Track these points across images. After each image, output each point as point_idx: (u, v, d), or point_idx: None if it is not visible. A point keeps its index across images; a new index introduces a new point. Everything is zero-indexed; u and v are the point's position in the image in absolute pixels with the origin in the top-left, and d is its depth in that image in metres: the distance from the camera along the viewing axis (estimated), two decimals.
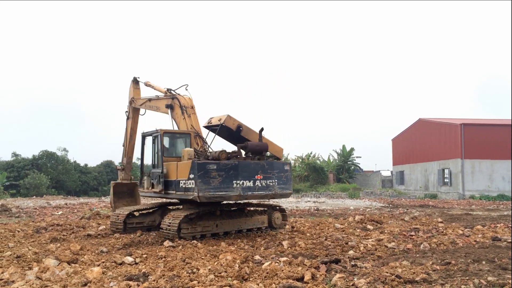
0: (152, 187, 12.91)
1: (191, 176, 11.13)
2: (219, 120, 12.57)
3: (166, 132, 12.87)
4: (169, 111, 14.03)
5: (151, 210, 14.14)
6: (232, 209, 13.18)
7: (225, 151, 11.96)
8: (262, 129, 12.67)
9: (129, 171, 17.73)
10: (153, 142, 13.04)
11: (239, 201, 12.92)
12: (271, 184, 12.18)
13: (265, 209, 13.90)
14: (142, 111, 16.87)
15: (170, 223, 11.53)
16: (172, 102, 14.02)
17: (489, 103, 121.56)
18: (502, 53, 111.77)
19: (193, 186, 11.03)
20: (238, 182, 11.51)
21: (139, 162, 17.53)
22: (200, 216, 11.89)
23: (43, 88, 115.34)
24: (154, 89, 15.94)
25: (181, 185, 11.57)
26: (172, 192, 11.99)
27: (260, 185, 11.93)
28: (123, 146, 17.65)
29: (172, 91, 14.54)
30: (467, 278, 7.13)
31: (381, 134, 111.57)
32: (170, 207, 14.23)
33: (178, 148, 13.22)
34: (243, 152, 12.53)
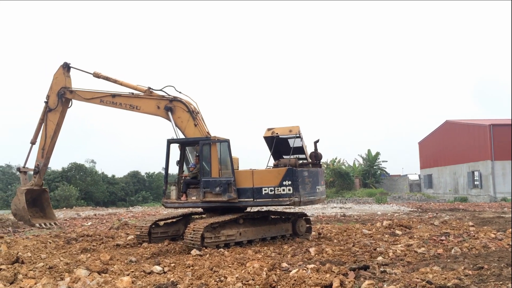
0: (184, 197, 12.85)
1: (286, 182, 11.67)
2: (289, 131, 12.72)
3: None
4: (169, 114, 13.30)
5: (175, 220, 14.06)
6: (256, 217, 13.18)
7: (297, 159, 12.75)
8: (318, 140, 13.28)
9: (43, 174, 15.66)
10: (207, 150, 12.45)
11: (262, 209, 13.75)
12: (325, 189, 13.46)
13: (289, 216, 13.85)
14: (69, 103, 15.06)
15: (193, 232, 11.53)
16: (172, 104, 13.35)
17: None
18: (503, 53, 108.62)
19: (289, 192, 11.66)
20: (318, 187, 12.66)
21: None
22: (223, 225, 11.88)
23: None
24: (118, 83, 14.46)
25: (266, 192, 11.84)
26: (248, 199, 12.08)
27: (322, 190, 13.07)
28: (32, 143, 15.51)
29: (154, 91, 13.73)
30: (500, 283, 6.96)
31: (407, 137, 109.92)
32: (195, 216, 14.28)
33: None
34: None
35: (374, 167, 55.33)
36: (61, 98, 15.11)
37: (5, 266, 8.72)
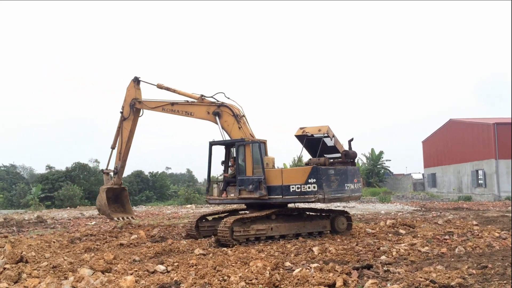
0: (224, 195, 13.55)
1: (312, 180, 12.07)
2: (319, 131, 13.20)
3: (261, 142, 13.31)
4: (216, 118, 14.32)
5: (222, 215, 14.54)
6: (290, 213, 13.50)
7: (327, 158, 13.06)
8: (352, 139, 13.64)
9: (122, 175, 17.60)
10: (242, 150, 13.22)
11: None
12: (360, 186, 13.63)
13: (328, 213, 14.09)
14: (140, 112, 16.95)
15: (223, 226, 11.94)
16: (219, 109, 14.30)
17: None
18: (503, 52, 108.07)
19: (314, 189, 12.06)
20: (348, 185, 12.86)
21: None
22: (254, 220, 12.31)
23: (74, 104, 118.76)
24: (176, 93, 15.99)
25: (293, 189, 12.32)
26: (277, 196, 12.57)
27: (355, 188, 13.21)
28: (112, 148, 17.47)
29: (206, 98, 14.86)
30: (504, 282, 6.94)
31: (410, 135, 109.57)
32: (241, 212, 14.55)
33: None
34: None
35: (378, 166, 55.23)
36: (132, 108, 16.93)
37: (9, 265, 8.76)
